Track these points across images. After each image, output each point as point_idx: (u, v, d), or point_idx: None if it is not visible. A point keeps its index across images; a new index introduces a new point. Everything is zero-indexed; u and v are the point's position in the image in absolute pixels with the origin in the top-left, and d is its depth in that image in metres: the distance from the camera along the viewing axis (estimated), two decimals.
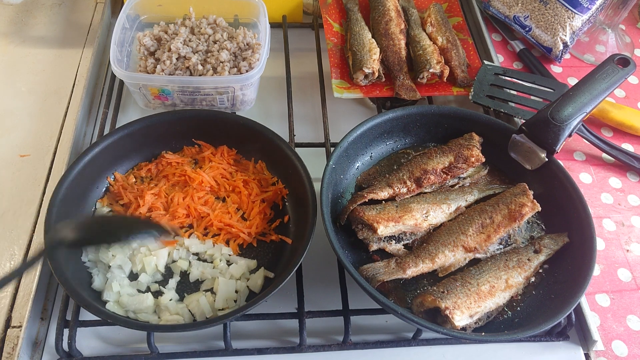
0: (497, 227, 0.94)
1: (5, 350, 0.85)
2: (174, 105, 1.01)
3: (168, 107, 1.00)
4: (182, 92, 0.97)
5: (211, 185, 1.02)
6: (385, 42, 1.23)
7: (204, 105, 1.01)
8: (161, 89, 0.96)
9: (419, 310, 0.87)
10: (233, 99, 1.00)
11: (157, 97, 0.97)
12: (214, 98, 0.99)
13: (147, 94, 0.97)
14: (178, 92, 0.97)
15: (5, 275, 0.70)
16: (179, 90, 0.97)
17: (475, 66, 1.25)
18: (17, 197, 1.04)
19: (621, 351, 0.95)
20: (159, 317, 0.88)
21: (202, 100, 1.00)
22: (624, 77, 1.02)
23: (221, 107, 1.01)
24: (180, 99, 0.99)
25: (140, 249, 0.93)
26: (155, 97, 0.97)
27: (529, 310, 0.90)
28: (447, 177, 1.02)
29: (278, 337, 0.92)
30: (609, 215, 1.13)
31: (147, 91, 0.96)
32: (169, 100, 0.99)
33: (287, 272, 0.84)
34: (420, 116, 1.07)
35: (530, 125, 1.00)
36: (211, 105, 1.01)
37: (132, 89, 0.96)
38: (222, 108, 1.01)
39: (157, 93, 0.97)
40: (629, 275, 1.04)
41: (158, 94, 0.97)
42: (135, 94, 0.98)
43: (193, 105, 1.02)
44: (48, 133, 1.14)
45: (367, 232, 0.94)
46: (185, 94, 0.98)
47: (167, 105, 1.00)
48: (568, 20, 1.32)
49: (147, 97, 0.97)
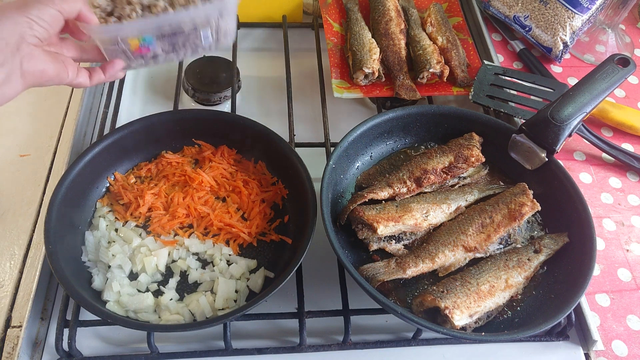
0: (497, 226, 0.94)
1: (5, 350, 0.85)
2: (156, 57, 0.94)
3: (149, 62, 0.96)
4: (162, 37, 0.93)
5: (211, 185, 1.02)
6: (385, 42, 1.23)
7: (187, 48, 0.95)
8: (141, 38, 0.90)
9: (418, 310, 0.87)
10: (217, 31, 0.96)
11: (137, 50, 0.91)
12: (197, 35, 0.95)
13: (126, 50, 0.93)
14: (158, 37, 0.92)
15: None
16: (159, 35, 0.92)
17: (475, 66, 1.25)
18: (17, 197, 1.04)
19: (621, 351, 0.95)
20: (159, 316, 0.88)
21: (185, 41, 0.95)
22: (624, 77, 1.02)
23: (206, 45, 0.96)
24: (161, 47, 0.95)
25: (140, 249, 0.93)
26: (136, 50, 0.91)
27: (529, 310, 0.90)
28: (447, 177, 1.02)
29: (278, 337, 0.92)
30: (609, 215, 1.13)
31: (126, 45, 0.89)
32: (150, 52, 0.92)
33: (287, 272, 0.84)
34: (420, 116, 1.07)
35: (530, 125, 1.00)
36: (195, 45, 0.95)
37: (107, 46, 0.91)
38: (207, 46, 0.97)
39: (138, 44, 0.93)
40: (629, 275, 1.04)
41: (139, 46, 0.94)
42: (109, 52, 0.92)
43: (176, 52, 0.95)
44: (48, 133, 1.14)
45: (367, 232, 0.94)
46: (165, 37, 0.92)
47: (147, 60, 0.95)
48: (568, 20, 1.32)
49: (126, 53, 0.92)
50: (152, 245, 0.95)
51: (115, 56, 0.91)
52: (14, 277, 0.92)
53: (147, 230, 0.97)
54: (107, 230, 0.96)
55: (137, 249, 0.94)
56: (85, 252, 0.93)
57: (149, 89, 1.28)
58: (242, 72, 1.27)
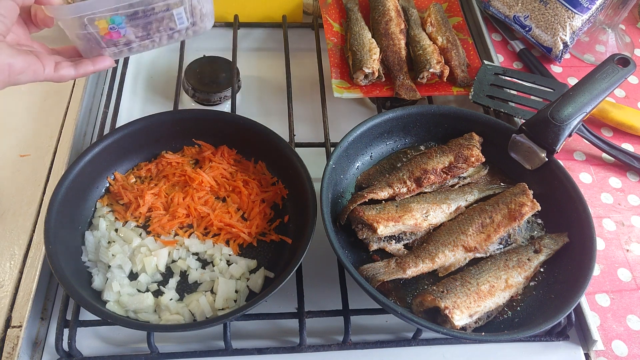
0: (497, 226, 0.94)
1: (5, 350, 0.85)
2: (128, 43, 0.88)
3: (121, 49, 0.90)
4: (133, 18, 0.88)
5: (211, 185, 1.02)
6: (385, 42, 1.23)
7: (161, 31, 0.87)
8: (110, 19, 0.83)
9: (418, 310, 0.87)
10: (192, 13, 0.91)
11: (107, 34, 0.84)
12: (171, 16, 0.90)
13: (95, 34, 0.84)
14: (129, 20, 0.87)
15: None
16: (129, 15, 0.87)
17: (475, 66, 1.25)
18: (17, 197, 1.04)
19: (621, 351, 0.95)
20: (159, 316, 0.88)
21: (159, 25, 0.87)
22: (624, 77, 1.02)
23: (182, 29, 0.90)
24: (134, 32, 0.89)
25: (140, 249, 0.93)
26: (106, 34, 0.84)
27: (529, 310, 0.90)
28: (447, 177, 1.02)
29: (278, 337, 0.92)
30: (609, 215, 1.13)
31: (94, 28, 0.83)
32: (122, 36, 0.86)
33: (287, 272, 0.84)
34: (420, 116, 1.07)
35: (530, 125, 1.00)
36: (170, 29, 0.90)
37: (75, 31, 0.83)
38: (183, 30, 0.91)
39: (107, 27, 0.84)
40: (629, 275, 1.04)
41: (108, 29, 0.84)
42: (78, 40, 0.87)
43: (150, 36, 0.90)
44: (48, 133, 1.14)
45: (367, 232, 0.94)
46: (136, 18, 0.85)
47: (121, 47, 0.88)
48: (568, 20, 1.32)
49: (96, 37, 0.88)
50: (152, 245, 0.95)
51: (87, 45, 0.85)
52: (14, 277, 0.92)
53: (147, 230, 0.97)
54: (107, 230, 0.96)
55: (137, 249, 0.94)
56: (85, 252, 0.93)
57: (149, 89, 1.28)
58: (242, 72, 1.27)
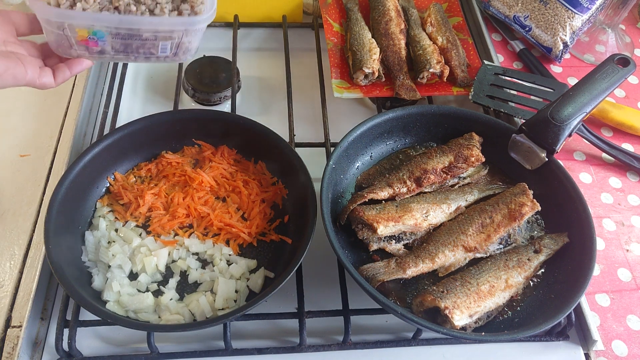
0: (497, 226, 0.94)
1: (5, 350, 0.85)
2: (103, 52, 0.84)
3: (93, 55, 0.84)
4: (116, 36, 0.80)
5: (211, 185, 1.02)
6: (385, 42, 1.23)
7: (140, 53, 0.86)
8: (92, 30, 0.79)
9: (418, 310, 0.87)
10: (177, 46, 0.89)
11: (83, 41, 0.80)
12: (155, 45, 0.87)
13: (71, 37, 0.79)
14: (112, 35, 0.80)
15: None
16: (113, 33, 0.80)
17: (475, 66, 1.25)
18: (17, 197, 1.04)
19: (621, 351, 0.95)
20: (159, 316, 0.88)
21: (140, 47, 0.85)
22: (624, 77, 1.02)
23: (161, 56, 0.87)
24: (112, 46, 0.82)
25: (140, 249, 0.93)
26: (82, 41, 0.80)
27: (529, 310, 0.90)
28: (447, 176, 1.02)
29: (278, 337, 0.92)
30: (609, 215, 1.13)
31: (72, 33, 0.78)
32: (98, 46, 0.82)
33: (287, 272, 0.84)
34: (420, 116, 1.07)
35: (530, 125, 1.00)
36: (150, 53, 0.86)
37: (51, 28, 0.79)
38: (162, 57, 0.88)
39: (86, 36, 0.79)
40: (629, 275, 1.04)
41: (87, 38, 0.79)
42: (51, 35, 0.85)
43: (127, 53, 0.86)
44: (48, 133, 1.14)
45: (367, 232, 0.94)
46: (120, 37, 0.82)
47: (92, 53, 0.84)
48: (568, 20, 1.32)
49: (70, 40, 0.80)
50: (152, 245, 0.95)
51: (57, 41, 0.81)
52: (14, 277, 0.92)
53: (147, 230, 0.97)
54: (107, 230, 0.96)
55: (137, 249, 0.94)
56: (85, 252, 0.93)
57: (149, 89, 1.28)
58: (242, 72, 1.27)
